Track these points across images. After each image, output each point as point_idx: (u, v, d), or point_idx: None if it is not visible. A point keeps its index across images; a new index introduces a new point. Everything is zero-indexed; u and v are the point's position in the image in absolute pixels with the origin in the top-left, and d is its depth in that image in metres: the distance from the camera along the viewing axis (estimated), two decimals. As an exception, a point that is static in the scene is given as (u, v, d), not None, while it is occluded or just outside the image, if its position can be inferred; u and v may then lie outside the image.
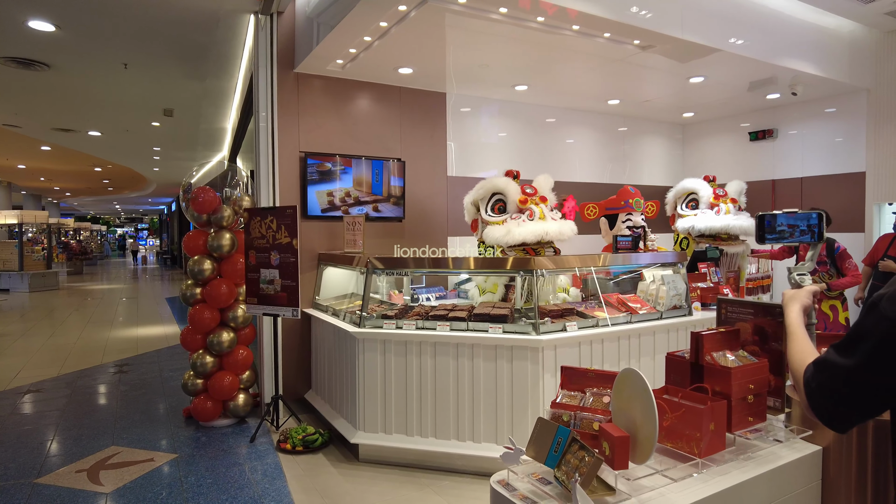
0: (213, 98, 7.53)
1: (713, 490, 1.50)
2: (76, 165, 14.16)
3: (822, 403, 1.08)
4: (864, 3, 4.81)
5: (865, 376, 1.01)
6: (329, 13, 4.15)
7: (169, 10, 4.60)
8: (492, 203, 4.38)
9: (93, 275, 21.74)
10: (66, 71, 6.14)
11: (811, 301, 1.49)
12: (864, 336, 1.02)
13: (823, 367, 1.10)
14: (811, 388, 1.11)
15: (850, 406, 1.04)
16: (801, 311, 1.43)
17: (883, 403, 1.02)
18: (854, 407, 1.04)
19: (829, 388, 1.07)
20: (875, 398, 1.02)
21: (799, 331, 1.35)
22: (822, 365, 1.10)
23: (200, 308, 4.65)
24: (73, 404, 5.29)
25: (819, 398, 1.09)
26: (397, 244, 5.20)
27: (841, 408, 1.06)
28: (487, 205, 4.39)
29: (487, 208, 4.39)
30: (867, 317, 1.02)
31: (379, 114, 5.54)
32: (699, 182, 5.34)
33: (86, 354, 7.40)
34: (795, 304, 1.45)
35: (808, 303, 1.47)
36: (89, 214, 40.36)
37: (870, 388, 1.01)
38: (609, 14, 3.83)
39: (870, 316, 1.02)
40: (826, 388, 1.08)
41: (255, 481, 3.61)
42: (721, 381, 1.75)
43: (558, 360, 3.48)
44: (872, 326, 1.00)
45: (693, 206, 5.29)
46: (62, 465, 3.88)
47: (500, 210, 4.31)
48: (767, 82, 5.60)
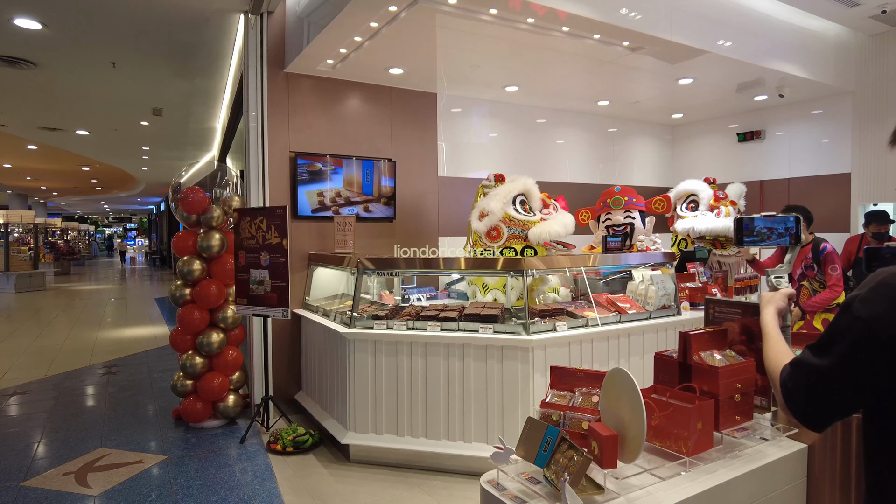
0: (202, 97, 7.48)
1: (701, 488, 1.52)
2: (63, 165, 14.00)
3: (799, 403, 1.10)
4: (848, 6, 4.87)
5: (839, 376, 1.02)
6: (319, 13, 4.14)
7: (157, 9, 4.57)
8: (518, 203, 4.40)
9: (80, 275, 21.52)
10: (52, 69, 6.07)
11: (786, 304, 1.50)
12: (837, 336, 1.03)
13: (799, 368, 1.11)
14: (788, 388, 1.12)
15: (826, 405, 1.06)
16: (776, 313, 1.45)
17: (857, 403, 1.04)
18: (829, 406, 1.06)
19: (804, 388, 1.09)
20: (849, 398, 1.03)
21: (774, 332, 1.36)
22: (799, 366, 1.12)
23: (190, 309, 4.62)
24: (61, 406, 5.23)
25: (796, 398, 1.10)
26: (389, 244, 5.20)
27: (817, 407, 1.07)
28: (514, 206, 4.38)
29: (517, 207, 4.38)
30: (841, 317, 1.04)
31: (369, 114, 5.53)
32: (700, 184, 5.33)
33: (73, 356, 7.32)
34: (770, 307, 1.46)
35: (783, 305, 1.49)
36: (77, 214, 39.92)
37: (844, 388, 1.03)
38: (599, 16, 3.86)
39: (844, 316, 1.03)
40: (802, 388, 1.09)
41: (246, 482, 3.60)
42: (709, 380, 1.77)
43: (548, 359, 3.50)
44: (846, 327, 1.02)
45: (693, 207, 5.28)
46: (49, 468, 3.85)
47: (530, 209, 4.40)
48: (755, 84, 5.66)
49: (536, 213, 4.36)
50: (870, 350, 0.98)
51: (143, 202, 28.76)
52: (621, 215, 4.72)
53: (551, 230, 4.19)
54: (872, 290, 1.00)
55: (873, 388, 1.00)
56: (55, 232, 25.24)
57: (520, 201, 4.39)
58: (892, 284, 0.98)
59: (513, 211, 4.33)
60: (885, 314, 0.96)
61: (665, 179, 7.89)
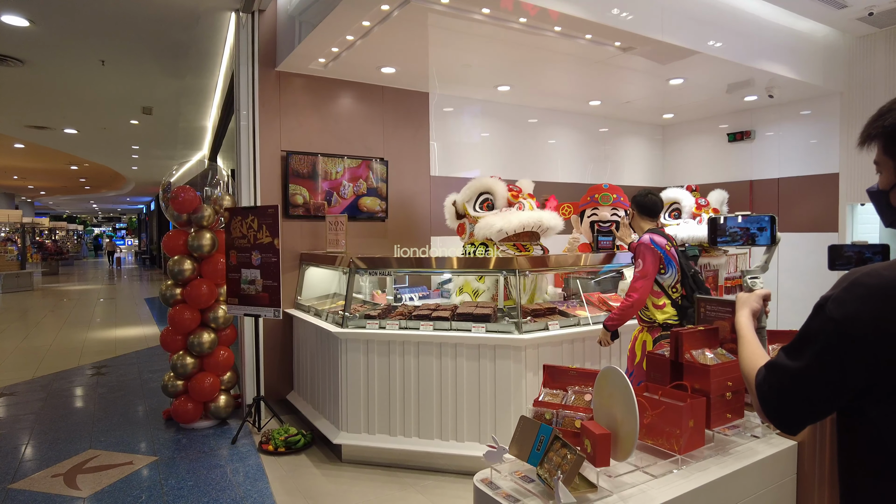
0: (193, 96, 7.43)
1: (693, 486, 1.53)
2: (51, 164, 13.85)
3: (773, 406, 1.08)
4: (836, 8, 4.92)
5: (813, 378, 1.01)
6: (311, 12, 4.13)
7: (147, 7, 4.53)
8: (479, 202, 4.49)
9: (69, 275, 21.31)
10: (40, 67, 6.01)
11: (761, 305, 1.50)
12: (811, 338, 1.02)
13: (774, 371, 1.10)
14: (763, 391, 1.11)
15: (800, 408, 1.05)
16: (751, 315, 1.44)
17: (831, 405, 1.03)
18: (803, 409, 1.04)
19: (778, 390, 1.07)
20: (823, 400, 1.02)
21: (748, 334, 1.35)
22: (773, 368, 1.10)
23: (181, 308, 4.59)
24: (49, 408, 5.18)
25: (770, 401, 1.09)
26: (381, 244, 5.19)
27: (791, 410, 1.06)
28: (475, 204, 4.49)
29: (476, 207, 4.48)
30: (814, 318, 1.02)
31: (361, 113, 5.52)
32: (681, 192, 5.39)
33: (62, 356, 7.25)
34: (745, 309, 1.45)
35: (757, 307, 1.48)
36: (65, 214, 39.51)
37: (818, 390, 1.01)
38: (590, 16, 3.87)
39: (817, 318, 1.02)
40: (776, 390, 1.08)
41: (237, 483, 3.58)
42: (700, 378, 1.78)
43: (541, 358, 3.51)
44: (819, 328, 1.00)
45: (676, 215, 5.34)
46: (38, 470, 3.81)
47: (488, 207, 4.42)
48: (745, 84, 5.70)
49: (498, 210, 4.39)
50: (843, 351, 0.96)
51: (132, 201, 28.50)
52: (608, 212, 4.75)
53: (491, 226, 4.20)
54: (846, 290, 0.98)
55: (847, 390, 0.99)
56: (43, 232, 24.99)
57: (482, 199, 4.47)
58: (865, 284, 0.96)
59: (471, 208, 4.46)
60: (859, 314, 0.95)
61: (656, 179, 7.94)
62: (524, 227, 4.21)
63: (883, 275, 0.95)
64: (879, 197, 1.09)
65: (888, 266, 0.96)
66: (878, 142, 1.06)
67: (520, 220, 4.19)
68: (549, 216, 4.30)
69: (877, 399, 0.96)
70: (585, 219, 4.84)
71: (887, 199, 1.07)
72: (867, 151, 1.09)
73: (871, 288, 0.95)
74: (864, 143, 1.08)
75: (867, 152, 1.09)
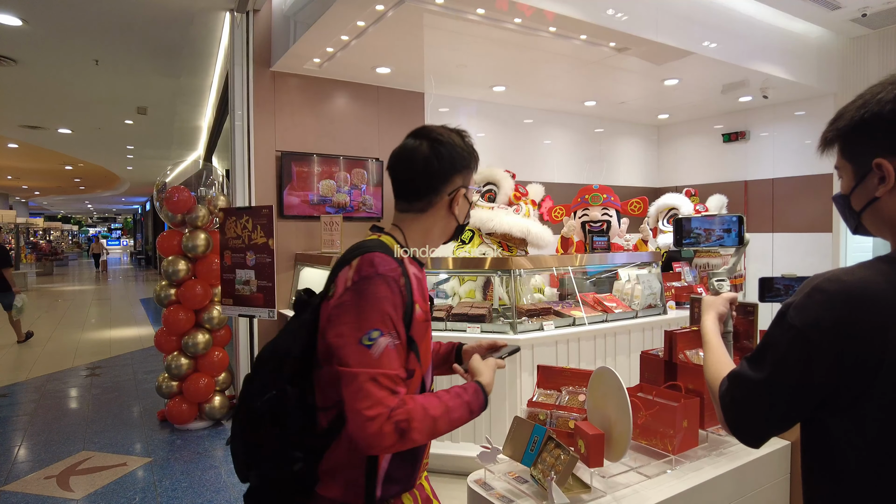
0: (187, 96, 7.40)
1: (686, 486, 1.53)
2: (46, 163, 13.78)
3: (734, 417, 1.04)
4: (830, 9, 4.94)
5: (775, 387, 0.97)
6: (306, 12, 4.12)
7: (141, 6, 4.51)
8: (484, 191, 4.56)
9: (64, 276, 21.21)
10: (34, 66, 5.97)
11: (727, 309, 1.44)
12: (772, 347, 0.98)
13: (736, 381, 1.05)
14: (725, 402, 1.05)
15: (761, 419, 1.00)
16: (717, 319, 1.38)
17: (793, 415, 0.99)
18: (765, 420, 1.00)
19: (740, 401, 1.03)
20: (786, 410, 0.98)
21: (714, 340, 1.29)
22: (735, 378, 1.05)
23: (175, 309, 4.57)
24: (43, 409, 5.15)
25: (731, 412, 1.04)
26: (376, 244, 5.15)
27: (752, 421, 1.02)
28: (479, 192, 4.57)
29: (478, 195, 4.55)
30: (776, 327, 0.99)
31: (357, 113, 5.51)
32: (680, 197, 5.40)
33: (56, 357, 7.22)
34: (711, 313, 1.40)
35: (723, 311, 1.42)
36: (60, 214, 39.33)
37: (780, 400, 0.97)
38: (586, 16, 3.87)
39: (778, 326, 0.98)
40: (738, 402, 1.03)
41: (232, 484, 3.56)
42: (694, 378, 1.78)
43: (535, 358, 3.50)
44: (780, 336, 0.97)
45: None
46: (30, 472, 3.78)
47: (489, 199, 4.44)
48: (740, 85, 5.72)
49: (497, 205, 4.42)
50: (805, 359, 0.93)
51: (127, 202, 28.40)
52: (598, 212, 4.78)
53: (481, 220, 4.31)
54: (807, 296, 0.95)
55: (810, 400, 0.95)
56: (37, 232, 24.87)
57: (487, 189, 4.52)
58: (825, 290, 0.92)
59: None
60: (819, 320, 0.91)
61: (651, 179, 7.96)
62: (511, 231, 4.23)
63: (843, 280, 0.92)
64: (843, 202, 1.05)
65: (848, 271, 0.93)
66: (836, 146, 1.04)
67: (509, 224, 4.23)
68: (537, 228, 4.33)
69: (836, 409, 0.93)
70: (577, 219, 4.85)
71: (850, 204, 1.03)
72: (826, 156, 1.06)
73: (831, 294, 0.92)
74: (823, 149, 1.06)
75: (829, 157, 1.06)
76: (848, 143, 1.01)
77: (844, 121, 1.00)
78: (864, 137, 0.97)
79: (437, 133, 1.35)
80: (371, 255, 1.20)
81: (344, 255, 1.25)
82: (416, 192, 1.33)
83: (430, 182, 1.32)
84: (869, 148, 0.96)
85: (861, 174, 0.99)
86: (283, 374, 1.22)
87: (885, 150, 0.94)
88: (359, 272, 1.17)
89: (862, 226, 1.04)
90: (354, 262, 1.20)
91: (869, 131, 0.96)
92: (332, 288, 1.22)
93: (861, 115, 0.96)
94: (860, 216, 1.02)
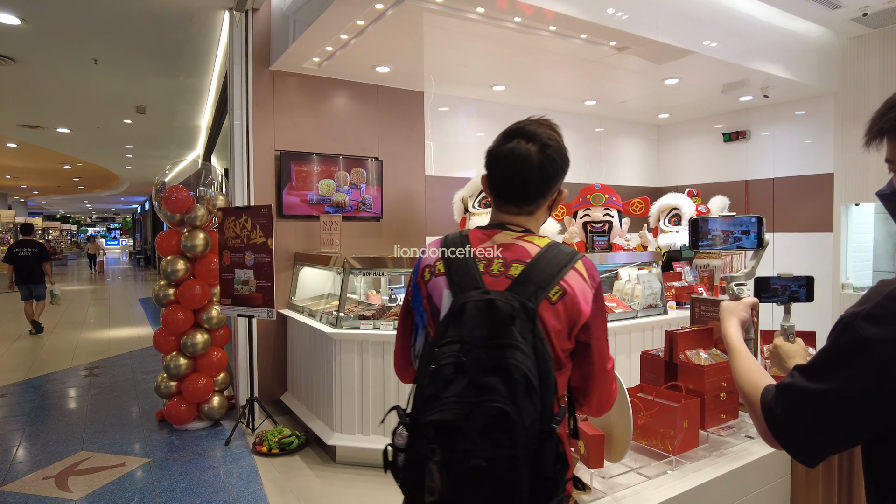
0: (187, 95, 7.39)
1: (687, 487, 1.52)
2: (44, 163, 13.77)
3: (789, 434, 0.95)
4: (830, 9, 4.93)
5: (843, 405, 0.88)
6: (305, 11, 4.11)
7: (140, 5, 4.50)
8: (479, 198, 4.67)
9: (62, 275, 21.18)
10: (32, 66, 5.96)
11: (749, 315, 1.38)
12: (839, 359, 0.89)
13: (790, 393, 0.96)
14: (775, 414, 0.97)
15: (826, 437, 0.92)
16: (740, 325, 1.33)
17: (861, 434, 0.91)
18: (830, 438, 0.92)
19: (796, 416, 0.94)
20: (851, 430, 0.90)
21: (741, 347, 1.23)
22: (789, 390, 0.96)
23: (174, 309, 4.56)
24: (41, 409, 5.14)
25: (786, 427, 0.95)
26: (376, 244, 5.16)
27: (815, 438, 0.93)
28: (475, 200, 4.67)
29: (475, 203, 4.66)
30: (841, 337, 0.90)
31: (356, 112, 5.50)
32: (682, 198, 5.38)
33: (54, 357, 7.20)
34: (733, 319, 1.34)
35: (746, 316, 1.37)
36: (59, 214, 39.33)
37: (848, 418, 0.88)
38: (586, 15, 3.86)
39: (844, 336, 0.89)
40: (795, 415, 0.94)
41: (231, 485, 3.55)
42: (694, 378, 1.77)
43: (536, 359, 3.49)
44: (849, 349, 0.88)
45: (675, 221, 5.33)
46: (28, 472, 3.77)
47: (486, 205, 4.52)
48: (740, 84, 5.71)
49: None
50: (877, 373, 0.84)
51: (126, 201, 28.39)
52: (600, 212, 4.77)
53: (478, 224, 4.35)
54: (878, 305, 0.86)
55: (884, 419, 0.86)
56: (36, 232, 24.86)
57: (482, 196, 4.66)
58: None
59: (471, 204, 4.67)
60: (894, 333, 0.83)
61: (651, 179, 7.94)
62: None
63: None
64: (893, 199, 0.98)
65: None
66: (888, 137, 0.94)
67: None
68: None
69: None
70: (578, 219, 4.84)
71: None
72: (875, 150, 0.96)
73: None
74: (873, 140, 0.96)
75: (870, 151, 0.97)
76: None
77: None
78: None
79: (544, 136, 1.31)
80: (589, 261, 1.26)
81: (556, 255, 1.22)
82: (527, 196, 1.30)
83: (541, 188, 1.30)
84: None
85: None
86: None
87: None
88: (594, 279, 1.24)
89: None
90: (580, 267, 1.22)
91: None
92: (556, 291, 1.18)
93: None
94: None
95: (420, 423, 1.04)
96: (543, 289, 1.17)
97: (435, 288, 1.28)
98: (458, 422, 0.98)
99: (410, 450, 1.07)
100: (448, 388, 1.02)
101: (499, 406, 0.98)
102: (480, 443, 0.97)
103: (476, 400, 0.99)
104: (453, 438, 0.98)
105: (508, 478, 0.98)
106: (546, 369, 1.06)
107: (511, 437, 0.98)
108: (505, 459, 0.97)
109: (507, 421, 0.98)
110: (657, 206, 5.50)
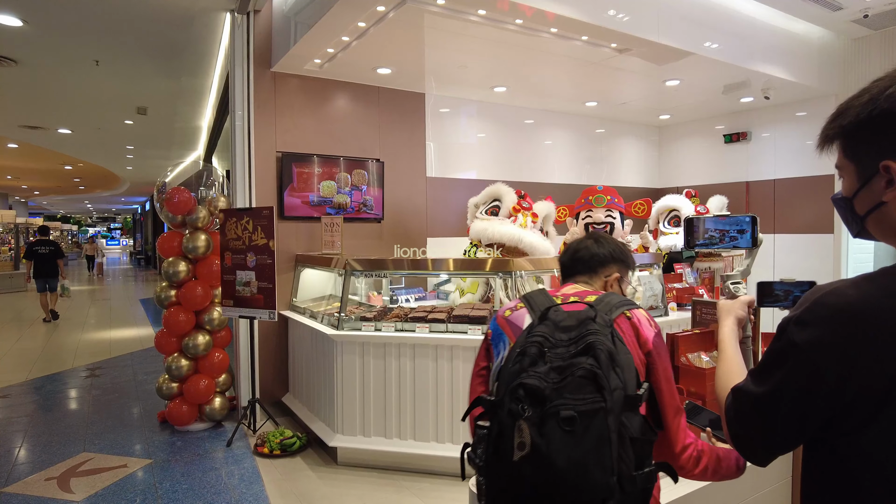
0: (188, 96, 7.40)
1: (689, 489, 1.52)
2: (45, 163, 13.78)
3: (737, 434, 0.99)
4: (831, 10, 4.93)
5: (775, 407, 0.91)
6: (307, 12, 4.12)
7: (142, 7, 4.51)
8: (488, 206, 4.75)
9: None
10: (34, 67, 5.97)
11: (746, 313, 1.38)
12: (773, 363, 0.92)
13: (739, 396, 0.99)
14: (729, 416, 1.00)
15: (763, 438, 0.94)
16: (737, 324, 1.32)
17: (796, 437, 0.92)
18: (767, 439, 0.94)
19: (742, 417, 0.97)
20: (786, 431, 0.91)
21: (729, 348, 1.24)
22: (738, 393, 0.99)
23: (175, 310, 4.57)
24: (42, 410, 5.15)
25: (734, 428, 0.99)
26: (377, 245, 5.17)
27: (754, 440, 0.96)
28: (484, 208, 4.77)
29: (483, 211, 4.75)
30: (776, 341, 0.92)
31: (357, 114, 5.50)
32: (681, 199, 5.39)
33: (56, 358, 7.21)
34: (730, 318, 1.33)
35: (742, 315, 1.36)
36: (59, 214, 39.34)
37: (780, 421, 0.91)
38: (587, 17, 3.87)
39: (779, 341, 0.92)
40: (740, 418, 0.98)
41: (232, 486, 3.56)
42: (696, 381, 1.78)
43: (537, 360, 3.49)
44: (780, 353, 0.91)
45: (675, 223, 5.33)
46: (31, 473, 3.78)
47: (493, 213, 4.59)
48: (741, 86, 5.71)
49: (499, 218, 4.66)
50: (806, 378, 0.86)
51: (127, 202, 28.39)
52: (602, 213, 4.78)
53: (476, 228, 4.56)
54: (808, 310, 0.88)
55: (812, 421, 0.88)
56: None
57: (492, 204, 4.74)
58: (828, 304, 0.86)
59: (479, 211, 4.77)
60: (822, 338, 0.85)
61: (652, 180, 7.95)
62: (502, 239, 4.32)
63: (848, 294, 0.85)
64: (844, 205, 0.97)
65: (853, 284, 0.86)
66: (837, 144, 0.96)
67: (500, 233, 4.35)
68: (530, 237, 4.40)
69: (843, 431, 0.86)
70: (580, 220, 4.84)
71: (852, 207, 0.95)
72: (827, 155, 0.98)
73: (834, 309, 0.85)
74: (823, 146, 0.98)
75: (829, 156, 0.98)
76: (852, 141, 0.93)
77: (849, 117, 0.92)
78: (870, 136, 0.89)
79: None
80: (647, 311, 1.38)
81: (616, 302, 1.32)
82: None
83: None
84: (875, 148, 0.89)
85: (866, 176, 0.91)
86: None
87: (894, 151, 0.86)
88: (654, 323, 1.35)
89: (865, 230, 0.96)
90: (640, 311, 1.34)
91: (876, 130, 0.87)
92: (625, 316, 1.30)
93: (868, 112, 0.88)
94: (864, 221, 0.94)
95: (510, 388, 1.09)
96: (616, 308, 1.29)
97: (517, 318, 1.39)
98: (546, 391, 1.06)
99: (495, 422, 1.11)
100: (535, 365, 1.10)
101: (588, 367, 1.06)
102: (570, 399, 1.04)
103: (561, 375, 1.08)
104: (543, 401, 1.05)
105: (599, 430, 1.02)
106: (627, 360, 1.13)
107: (601, 393, 1.04)
108: (596, 412, 1.03)
109: (595, 380, 1.05)
110: (656, 208, 5.50)
